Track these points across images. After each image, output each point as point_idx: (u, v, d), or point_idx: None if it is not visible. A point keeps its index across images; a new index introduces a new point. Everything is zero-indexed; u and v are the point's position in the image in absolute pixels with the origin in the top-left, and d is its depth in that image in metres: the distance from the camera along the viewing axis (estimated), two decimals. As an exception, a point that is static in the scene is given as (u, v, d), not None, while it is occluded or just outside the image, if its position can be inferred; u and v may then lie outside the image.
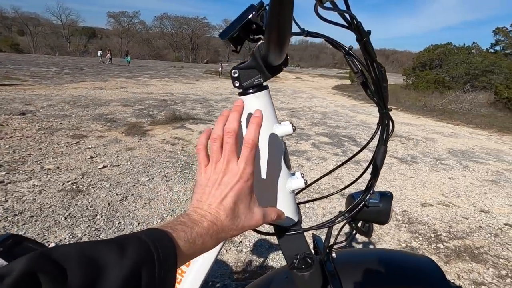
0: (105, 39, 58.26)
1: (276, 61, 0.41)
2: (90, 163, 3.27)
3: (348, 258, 0.54)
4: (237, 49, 0.42)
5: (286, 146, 0.47)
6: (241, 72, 0.43)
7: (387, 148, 0.46)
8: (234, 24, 0.40)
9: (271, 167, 0.45)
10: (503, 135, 7.68)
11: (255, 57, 0.42)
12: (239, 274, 1.75)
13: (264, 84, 0.44)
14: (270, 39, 0.35)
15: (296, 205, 0.49)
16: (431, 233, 2.41)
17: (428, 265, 0.52)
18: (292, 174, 0.48)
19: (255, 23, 0.40)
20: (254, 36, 0.41)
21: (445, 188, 3.49)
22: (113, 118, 5.47)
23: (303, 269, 0.45)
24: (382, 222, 0.48)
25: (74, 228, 2.06)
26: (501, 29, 19.85)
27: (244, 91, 0.44)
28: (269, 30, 0.34)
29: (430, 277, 0.50)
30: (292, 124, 0.45)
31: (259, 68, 0.42)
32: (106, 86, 10.06)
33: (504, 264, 2.05)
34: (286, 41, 0.36)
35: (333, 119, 7.41)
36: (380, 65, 0.41)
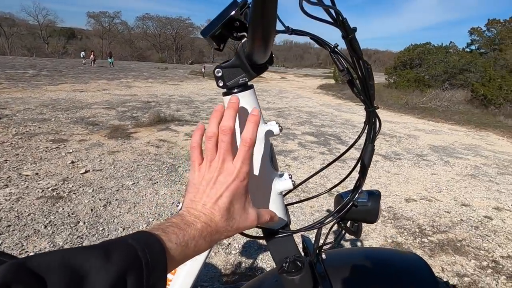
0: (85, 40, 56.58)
1: (261, 59, 0.39)
2: (71, 168, 3.16)
3: (338, 259, 0.53)
4: (220, 47, 0.41)
5: (272, 147, 0.46)
6: (224, 71, 0.41)
7: (374, 147, 0.46)
8: (216, 21, 0.39)
9: (258, 169, 0.44)
10: (480, 131, 8.00)
11: (239, 55, 0.40)
12: (228, 277, 1.73)
13: (249, 84, 0.43)
14: (254, 36, 0.34)
15: (284, 207, 0.47)
16: (416, 228, 2.47)
17: (415, 261, 0.53)
18: (279, 175, 0.47)
19: (238, 20, 0.39)
20: (238, 33, 0.40)
21: (427, 183, 3.59)
22: (95, 121, 5.31)
23: (293, 272, 0.44)
24: (371, 221, 0.48)
25: (55, 237, 1.98)
26: (476, 29, 20.68)
27: (229, 90, 0.43)
28: (253, 27, 0.33)
29: (418, 274, 0.50)
30: (278, 124, 0.44)
31: (244, 67, 0.41)
32: (87, 88, 9.77)
33: (484, 256, 2.13)
34: (270, 38, 0.35)
35: (318, 118, 7.49)
36: (366, 63, 0.40)
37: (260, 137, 0.43)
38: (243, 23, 0.39)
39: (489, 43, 19.68)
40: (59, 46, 46.56)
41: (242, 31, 0.40)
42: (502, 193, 3.45)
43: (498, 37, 18.77)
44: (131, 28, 55.45)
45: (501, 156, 5.29)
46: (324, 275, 0.49)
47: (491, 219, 2.74)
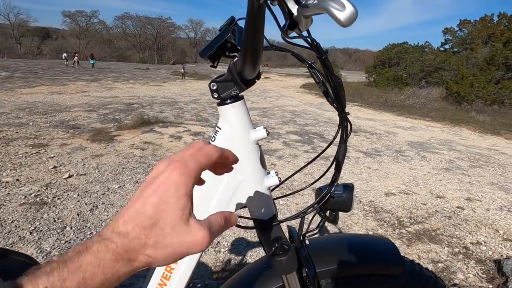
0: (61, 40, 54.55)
1: (250, 75, 0.47)
2: (54, 173, 3.10)
3: (319, 244, 0.61)
4: (215, 64, 0.47)
5: (261, 149, 0.53)
6: (219, 85, 0.48)
7: (347, 146, 0.54)
8: (212, 44, 0.46)
9: (249, 169, 0.51)
10: (454, 127, 8.43)
11: (231, 71, 0.47)
12: (219, 274, 1.79)
13: (240, 95, 0.50)
14: (245, 58, 0.41)
15: (272, 201, 0.55)
16: (395, 220, 2.61)
17: (384, 243, 0.61)
18: (267, 173, 0.54)
19: (230, 42, 0.45)
20: (230, 53, 0.47)
21: (405, 177, 3.78)
22: (76, 124, 5.20)
23: (281, 254, 0.51)
24: (346, 210, 0.55)
25: (41, 243, 1.96)
26: (449, 29, 21.64)
27: (222, 101, 0.49)
28: (244, 52, 0.40)
29: (386, 254, 0.59)
30: (266, 129, 0.51)
31: (235, 81, 0.47)
32: (65, 90, 9.48)
33: (457, 243, 2.29)
34: (259, 59, 0.42)
35: (302, 117, 7.64)
36: (337, 77, 0.48)
37: (251, 141, 0.50)
38: (234, 45, 0.46)
39: (461, 42, 20.64)
40: (33, 47, 44.57)
41: (233, 51, 0.47)
42: (473, 184, 3.69)
43: (469, 37, 19.73)
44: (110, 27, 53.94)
45: (473, 150, 5.62)
46: (308, 258, 0.56)
47: (463, 209, 2.94)
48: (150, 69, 25.17)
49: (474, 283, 1.82)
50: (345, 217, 2.59)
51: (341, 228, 2.42)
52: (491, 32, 17.11)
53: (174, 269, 0.54)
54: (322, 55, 0.45)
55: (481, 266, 2.00)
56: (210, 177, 0.52)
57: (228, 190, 0.52)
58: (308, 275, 0.55)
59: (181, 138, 4.81)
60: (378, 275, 0.57)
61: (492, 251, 2.21)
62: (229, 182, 0.52)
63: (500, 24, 17.18)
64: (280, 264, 0.51)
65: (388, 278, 0.58)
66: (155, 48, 53.48)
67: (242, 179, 0.51)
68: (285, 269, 0.51)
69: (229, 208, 0.53)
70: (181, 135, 4.99)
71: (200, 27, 62.43)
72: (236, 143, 0.50)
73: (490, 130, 8.14)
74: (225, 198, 0.52)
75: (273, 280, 0.57)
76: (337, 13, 0.29)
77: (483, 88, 12.83)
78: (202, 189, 0.52)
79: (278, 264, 0.51)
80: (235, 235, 2.21)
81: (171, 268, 0.54)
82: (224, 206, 0.53)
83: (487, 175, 4.12)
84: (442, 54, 18.86)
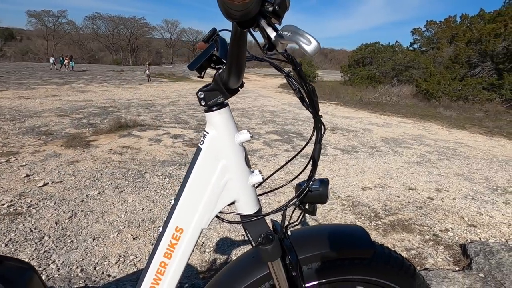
0: (26, 41, 51.55)
1: (235, 86, 0.52)
2: (27, 182, 2.98)
3: (300, 234, 0.67)
4: (201, 74, 0.52)
5: (246, 150, 0.58)
6: (206, 94, 0.53)
7: (321, 146, 0.60)
8: (200, 58, 0.51)
9: (235, 168, 0.56)
10: (424, 122, 8.91)
11: (216, 82, 0.52)
12: (205, 273, 1.82)
13: (225, 102, 0.55)
14: (230, 72, 0.47)
15: (256, 196, 0.60)
16: (371, 213, 2.76)
17: (357, 230, 0.69)
18: (252, 172, 0.59)
19: (215, 55, 0.51)
20: (215, 65, 0.52)
21: (380, 172, 3.98)
22: (48, 130, 4.99)
23: (266, 244, 0.56)
24: (323, 202, 0.62)
25: (18, 254, 1.90)
26: (417, 29, 22.78)
27: (209, 108, 0.54)
28: (229, 66, 0.45)
29: (358, 239, 0.66)
30: (249, 132, 0.56)
31: (221, 90, 0.53)
32: (34, 94, 9.03)
33: (427, 231, 2.47)
34: (242, 71, 0.47)
35: (281, 117, 7.78)
36: (311, 85, 0.54)
37: (236, 143, 0.56)
38: (219, 58, 0.51)
39: (428, 42, 21.80)
40: (-6, 48, 41.80)
41: (218, 63, 0.52)
42: (442, 176, 3.95)
43: (436, 37, 20.89)
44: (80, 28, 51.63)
45: (441, 144, 5.98)
46: (290, 247, 0.62)
47: (432, 199, 3.15)
48: (124, 71, 24.43)
49: (442, 266, 1.97)
50: (325, 212, 2.70)
51: (321, 222, 2.52)
52: (454, 32, 18.22)
53: (168, 264, 0.58)
54: (297, 67, 0.51)
55: (449, 250, 2.17)
56: (199, 177, 0.57)
57: (217, 188, 0.57)
58: (291, 262, 0.61)
59: (160, 141, 4.76)
60: (352, 259, 0.65)
61: (458, 236, 2.39)
62: (217, 181, 0.57)
63: (463, 25, 18.34)
64: (265, 253, 0.57)
65: (360, 260, 0.65)
66: (129, 49, 51.91)
67: (229, 178, 0.57)
68: (270, 257, 0.57)
69: (218, 204, 0.58)
70: (160, 138, 4.94)
71: (175, 27, 61.29)
72: (223, 145, 0.55)
73: (456, 124, 8.68)
74: (214, 195, 0.57)
75: (260, 268, 0.63)
76: (305, 46, 0.37)
77: (449, 85, 13.62)
78: (193, 188, 0.57)
79: (264, 253, 0.57)
80: (219, 235, 2.25)
81: (165, 263, 0.58)
82: (213, 202, 0.58)
83: (453, 166, 4.42)
84: (411, 53, 19.79)
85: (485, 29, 13.62)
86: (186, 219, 0.57)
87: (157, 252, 0.58)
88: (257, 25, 0.40)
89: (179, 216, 0.57)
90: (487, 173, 4.16)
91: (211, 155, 0.56)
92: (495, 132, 7.76)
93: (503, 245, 2.04)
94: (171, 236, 0.58)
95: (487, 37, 13.31)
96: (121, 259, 1.92)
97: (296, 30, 0.37)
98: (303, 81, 0.54)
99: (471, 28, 15.85)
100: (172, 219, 0.58)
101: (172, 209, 0.58)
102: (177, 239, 0.57)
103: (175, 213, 0.58)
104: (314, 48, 0.37)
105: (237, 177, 0.57)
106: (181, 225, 0.58)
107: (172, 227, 0.58)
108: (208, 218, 0.58)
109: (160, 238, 0.58)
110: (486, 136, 7.35)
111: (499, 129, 8.13)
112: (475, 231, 2.49)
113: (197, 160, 0.56)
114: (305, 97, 0.56)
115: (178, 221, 0.58)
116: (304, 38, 0.37)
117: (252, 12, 0.36)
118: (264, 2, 0.38)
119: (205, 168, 0.56)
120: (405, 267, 0.68)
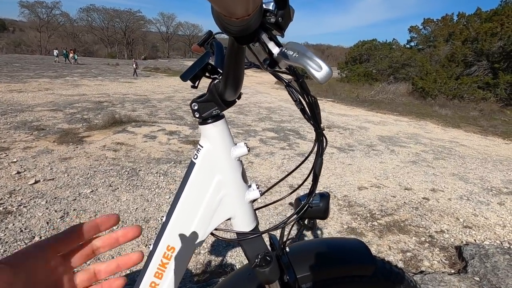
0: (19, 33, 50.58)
1: (231, 98, 0.48)
2: (18, 179, 2.91)
3: (298, 250, 0.65)
4: (195, 84, 0.48)
5: (242, 164, 0.55)
6: (200, 105, 0.49)
7: (323, 160, 0.57)
8: (194, 67, 0.46)
9: (231, 184, 0.53)
10: (420, 121, 8.94)
11: (212, 92, 0.48)
12: (200, 276, 1.79)
13: (220, 114, 0.51)
14: (226, 84, 0.42)
15: (254, 212, 0.57)
16: (367, 213, 2.75)
17: (357, 245, 0.66)
18: (249, 186, 0.56)
19: (210, 64, 0.46)
20: (210, 75, 0.48)
21: (376, 171, 3.98)
22: (40, 125, 4.89)
23: (264, 266, 0.53)
24: (323, 218, 0.59)
25: (7, 255, 1.85)
26: (414, 27, 22.78)
27: (204, 121, 0.50)
28: (226, 78, 0.41)
29: (359, 255, 0.64)
30: (246, 145, 0.53)
31: (216, 102, 0.49)
32: (26, 88, 8.85)
33: (423, 232, 2.47)
34: (240, 84, 0.43)
35: (278, 114, 7.73)
36: (313, 97, 0.51)
37: (232, 158, 0.52)
38: (214, 67, 0.47)
39: (425, 40, 21.83)
40: (-14, 40, 40.93)
41: (213, 73, 0.48)
42: (437, 176, 3.96)
43: (432, 35, 20.92)
44: (74, 20, 50.74)
45: (436, 143, 6.01)
46: (288, 265, 0.59)
47: (428, 200, 3.16)
48: (120, 64, 24.14)
49: (438, 269, 1.97)
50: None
51: (317, 224, 2.50)
52: (451, 31, 18.26)
53: (159, 284, 0.55)
54: (299, 78, 0.48)
55: (444, 253, 2.17)
56: (193, 193, 0.53)
57: (212, 204, 0.53)
58: (289, 281, 0.58)
59: (156, 138, 4.70)
60: (352, 276, 0.62)
61: (454, 238, 2.40)
62: (212, 197, 0.53)
63: (459, 23, 18.39)
64: (263, 275, 0.54)
65: (361, 278, 0.62)
66: (125, 43, 51.21)
67: (225, 193, 0.53)
68: (268, 279, 0.54)
69: (213, 222, 0.55)
70: (155, 135, 4.87)
71: (172, 21, 60.58)
72: (218, 160, 0.52)
73: (451, 123, 8.73)
74: (209, 212, 0.54)
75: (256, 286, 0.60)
76: (315, 73, 0.32)
77: (445, 84, 13.68)
78: (186, 204, 0.53)
79: (261, 275, 0.54)
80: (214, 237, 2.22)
81: (156, 284, 0.55)
82: (208, 219, 0.54)
83: (449, 166, 4.44)
84: (408, 51, 19.82)
85: (481, 28, 13.66)
86: (179, 237, 0.53)
87: (147, 272, 0.54)
88: (258, 40, 0.37)
89: (171, 234, 0.54)
90: (482, 173, 4.18)
91: (206, 170, 0.52)
92: (489, 132, 7.82)
93: (498, 248, 2.05)
94: (162, 255, 0.54)
95: (483, 36, 13.35)
96: (113, 260, 1.89)
97: (304, 51, 0.32)
98: (305, 93, 0.50)
99: (467, 27, 15.90)
100: (163, 237, 0.54)
101: (164, 227, 0.54)
102: (169, 258, 0.54)
103: (166, 230, 0.54)
104: (325, 75, 0.32)
105: (233, 193, 0.53)
106: (173, 243, 0.54)
107: (164, 246, 0.54)
108: (202, 236, 0.55)
109: (151, 257, 0.55)
110: (480, 135, 7.40)
111: (494, 129, 8.19)
112: (470, 232, 2.50)
113: (191, 175, 0.53)
114: (306, 109, 0.53)
115: (170, 239, 0.54)
116: (314, 62, 0.32)
117: (252, 27, 0.31)
118: (265, 13, 0.34)
119: (200, 184, 0.53)
120: (407, 282, 0.66)
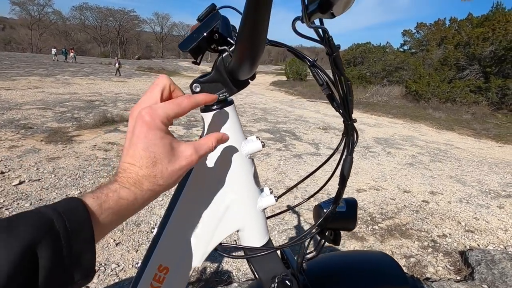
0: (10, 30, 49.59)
1: (245, 75, 0.37)
2: (1, 180, 2.75)
3: (318, 267, 0.55)
4: (198, 60, 0.37)
5: (254, 163, 0.44)
6: (203, 86, 0.38)
7: (353, 159, 0.47)
8: (196, 34, 0.35)
9: (241, 187, 0.42)
10: (414, 123, 8.96)
11: (219, 70, 0.37)
12: (194, 285, 1.68)
13: (229, 99, 0.40)
14: (241, 55, 0.32)
15: (266, 224, 0.46)
16: (367, 217, 2.67)
17: (386, 261, 0.56)
18: (261, 191, 0.45)
19: (218, 33, 0.36)
20: (218, 47, 0.37)
21: (374, 173, 3.91)
22: (28, 123, 4.70)
23: (282, 292, 0.43)
24: (350, 229, 0.49)
25: None
26: (408, 31, 22.99)
27: (207, 107, 0.39)
28: (241, 46, 0.31)
29: (391, 274, 0.54)
30: (259, 139, 0.42)
31: (224, 82, 0.38)
32: (15, 86, 8.59)
33: (425, 236, 2.39)
34: (259, 54, 0.33)
35: (273, 115, 7.65)
36: (347, 79, 0.41)
37: (243, 155, 0.41)
38: (223, 36, 0.36)
39: (418, 44, 22.05)
40: (-26, 37, 39.95)
41: (222, 44, 0.37)
42: (435, 178, 3.92)
43: (425, 39, 21.15)
44: (66, 18, 49.96)
45: (432, 145, 5.99)
46: (306, 285, 0.49)
47: (428, 202, 3.10)
48: (112, 63, 23.79)
49: (443, 275, 1.89)
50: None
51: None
52: (444, 35, 18.48)
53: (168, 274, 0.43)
54: (334, 51, 0.37)
55: (448, 258, 2.10)
56: (191, 200, 0.42)
57: (216, 214, 0.43)
58: (309, 307, 0.48)
59: (148, 138, 4.55)
60: (383, 300, 0.52)
61: (457, 242, 2.33)
62: (216, 204, 0.42)
63: (452, 28, 18.61)
64: None
65: (393, 301, 0.53)
66: (118, 42, 50.60)
67: (233, 199, 0.43)
68: None
69: (217, 235, 0.44)
70: (148, 135, 4.73)
71: (166, 21, 60.20)
72: (224, 157, 0.41)
73: (445, 126, 8.77)
74: (211, 224, 0.43)
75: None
76: None
77: (438, 87, 13.80)
78: (183, 214, 0.43)
79: None
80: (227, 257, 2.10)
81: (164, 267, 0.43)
82: (210, 233, 0.44)
83: (446, 169, 4.40)
84: (401, 55, 19.98)
85: (473, 33, 13.85)
86: (173, 255, 0.42)
87: None
88: None
89: (164, 251, 0.42)
90: (478, 176, 4.16)
91: (208, 170, 0.41)
92: (482, 135, 7.87)
93: (504, 253, 1.98)
94: (153, 278, 0.42)
95: (475, 40, 13.53)
96: (101, 267, 1.76)
97: None
98: (339, 73, 0.40)
99: (459, 31, 16.09)
100: (154, 255, 0.42)
101: (154, 242, 0.43)
102: (161, 281, 0.42)
103: (158, 247, 0.42)
104: None
105: (243, 198, 0.42)
106: (166, 263, 0.43)
107: (154, 266, 0.42)
108: (203, 253, 0.44)
109: (138, 279, 0.43)
110: (474, 138, 7.43)
111: (486, 132, 8.25)
112: (473, 237, 2.44)
113: (189, 177, 0.41)
114: (335, 95, 0.43)
115: (162, 258, 0.42)
116: None
117: None
118: None
119: (200, 188, 0.42)
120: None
